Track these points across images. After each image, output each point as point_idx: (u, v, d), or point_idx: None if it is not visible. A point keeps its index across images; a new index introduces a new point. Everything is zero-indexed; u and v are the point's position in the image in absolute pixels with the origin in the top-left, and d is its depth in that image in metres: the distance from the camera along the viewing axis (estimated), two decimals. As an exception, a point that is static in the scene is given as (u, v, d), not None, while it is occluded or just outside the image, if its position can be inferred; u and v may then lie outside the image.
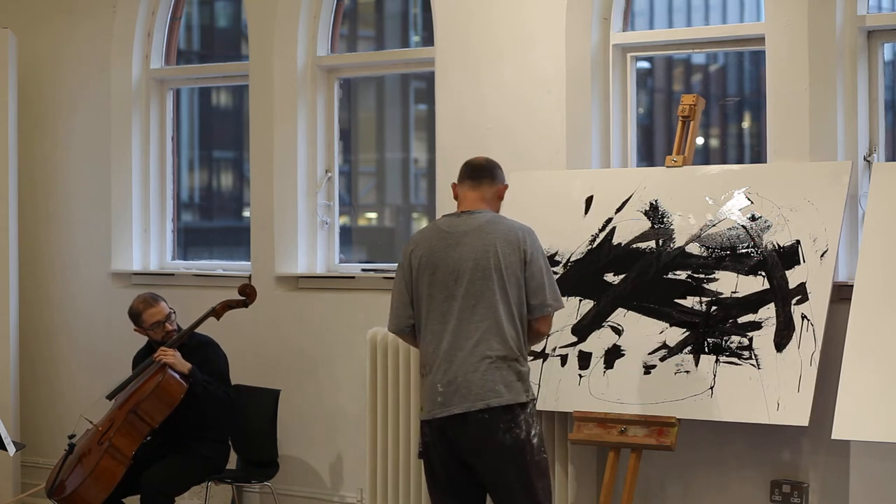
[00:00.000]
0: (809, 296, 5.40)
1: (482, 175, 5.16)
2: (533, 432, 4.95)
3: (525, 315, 4.98)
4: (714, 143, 7.54)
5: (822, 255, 5.43)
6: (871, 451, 5.55)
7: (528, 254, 4.97)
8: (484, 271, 4.93)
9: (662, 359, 5.63)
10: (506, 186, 5.21)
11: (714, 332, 5.56)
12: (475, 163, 5.22)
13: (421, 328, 5.05)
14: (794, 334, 5.39)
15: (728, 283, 5.59)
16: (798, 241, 5.51)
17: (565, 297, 5.94)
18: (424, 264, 5.02)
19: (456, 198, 5.21)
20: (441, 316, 4.97)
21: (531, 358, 5.91)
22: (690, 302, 5.64)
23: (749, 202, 5.66)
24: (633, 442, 5.58)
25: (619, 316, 5.79)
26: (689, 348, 5.58)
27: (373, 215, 8.33)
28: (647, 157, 6.81)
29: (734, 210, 5.68)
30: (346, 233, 7.56)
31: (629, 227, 5.89)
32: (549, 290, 5.00)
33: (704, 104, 5.97)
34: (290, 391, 6.92)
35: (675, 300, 5.68)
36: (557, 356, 5.86)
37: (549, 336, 5.34)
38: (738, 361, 5.48)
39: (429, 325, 5.00)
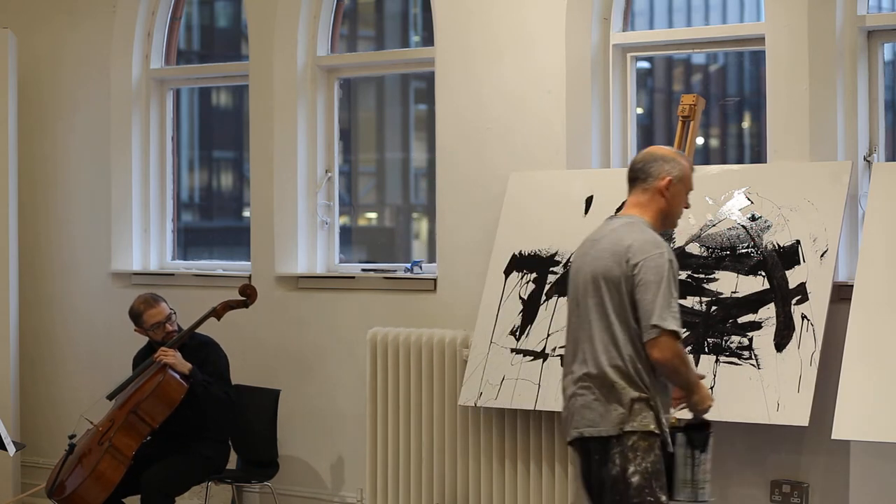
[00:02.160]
0: (809, 296, 5.40)
1: (633, 176, 4.63)
2: (631, 469, 4.34)
3: (637, 336, 4.37)
4: (714, 143, 7.54)
5: (822, 255, 5.43)
6: (871, 451, 5.55)
7: (634, 268, 4.37)
8: (588, 287, 4.48)
9: (662, 359, 5.62)
10: (668, 180, 4.55)
11: (714, 332, 5.55)
12: (632, 161, 4.68)
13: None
14: (794, 334, 5.39)
15: (728, 283, 5.59)
16: (798, 241, 5.51)
17: (565, 298, 5.94)
18: (570, 274, 4.63)
19: None
20: (566, 334, 4.61)
21: (531, 358, 5.92)
22: (690, 302, 5.64)
23: (749, 202, 5.66)
24: (633, 442, 5.56)
25: (619, 316, 5.78)
26: (688, 348, 5.58)
27: (373, 215, 8.33)
28: (647, 157, 6.79)
29: (734, 210, 5.68)
30: (346, 233, 7.56)
31: (629, 227, 5.88)
32: (657, 310, 4.31)
33: (704, 104, 5.97)
34: (290, 391, 6.92)
35: (675, 300, 5.67)
36: (557, 356, 5.86)
37: (672, 365, 4.36)
38: (738, 361, 5.48)
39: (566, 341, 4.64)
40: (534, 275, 6.07)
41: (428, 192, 7.52)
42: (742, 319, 5.51)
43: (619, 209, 4.84)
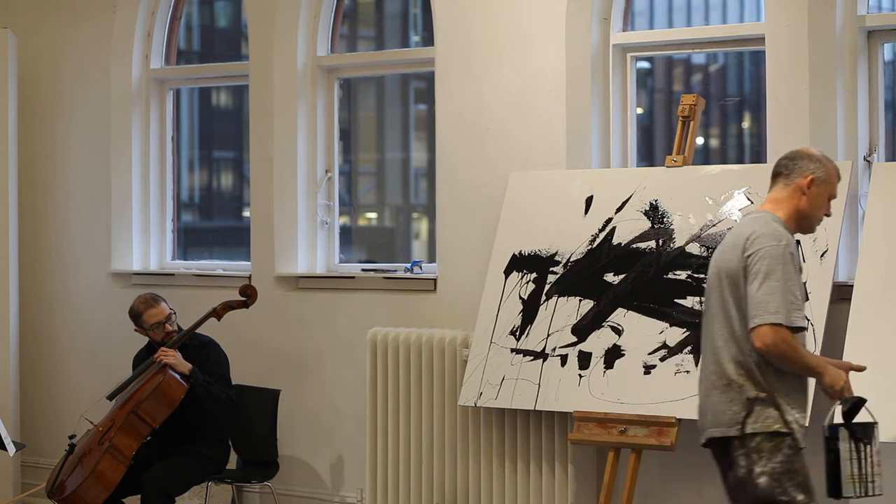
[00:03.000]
0: (809, 296, 5.39)
1: (777, 171, 4.49)
2: (758, 470, 4.22)
3: None
4: (714, 143, 7.55)
5: (822, 255, 5.43)
6: (871, 451, 5.54)
7: (748, 259, 4.26)
8: (713, 281, 4.39)
9: (662, 359, 5.63)
10: (811, 178, 4.42)
11: (714, 332, 5.55)
12: (779, 158, 4.56)
13: None
14: (794, 334, 5.38)
15: (728, 283, 5.58)
16: (798, 242, 5.50)
17: (565, 298, 5.96)
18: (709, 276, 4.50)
19: None
20: (701, 333, 4.52)
21: (531, 358, 5.92)
22: (690, 302, 5.64)
23: (749, 202, 5.66)
24: (633, 442, 5.58)
25: (619, 316, 5.79)
26: (689, 348, 5.58)
27: (373, 215, 8.34)
28: (647, 157, 6.81)
29: (734, 210, 5.68)
30: (346, 233, 7.56)
31: (629, 227, 5.89)
32: (760, 300, 4.20)
33: (704, 104, 5.97)
34: (290, 391, 6.92)
35: (675, 300, 5.68)
36: (557, 356, 5.86)
37: (779, 352, 4.22)
38: (739, 361, 5.47)
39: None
40: (534, 275, 6.07)
41: (428, 192, 7.53)
42: (742, 319, 5.51)
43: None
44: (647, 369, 5.65)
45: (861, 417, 4.36)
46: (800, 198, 4.41)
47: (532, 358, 5.93)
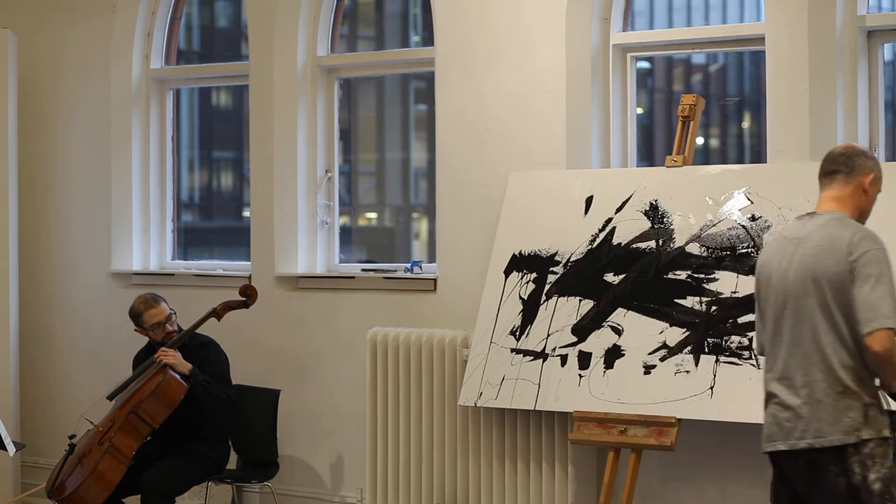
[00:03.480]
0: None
1: (834, 169, 4.33)
2: (872, 476, 4.11)
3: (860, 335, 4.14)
4: (714, 143, 7.55)
5: (822, 255, 5.43)
6: (872, 451, 5.54)
7: (855, 263, 4.13)
8: (805, 286, 4.19)
9: (662, 359, 5.63)
10: (872, 176, 4.31)
11: (714, 332, 5.55)
12: (830, 154, 4.40)
13: (766, 351, 4.38)
14: (795, 334, 5.38)
15: (728, 283, 5.59)
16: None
17: (565, 298, 5.95)
18: (765, 277, 4.34)
19: None
20: (774, 338, 4.30)
21: (531, 358, 5.92)
22: (690, 302, 5.64)
23: (749, 202, 5.66)
24: (633, 442, 5.58)
25: (619, 316, 5.79)
26: (689, 348, 5.58)
27: (373, 215, 8.34)
28: (647, 157, 6.81)
29: (734, 210, 5.68)
30: (346, 233, 7.56)
31: (629, 227, 5.89)
32: (877, 304, 4.08)
33: (704, 104, 5.97)
34: (290, 391, 6.92)
35: (675, 300, 5.68)
36: (557, 356, 5.86)
37: (888, 358, 4.10)
38: (738, 361, 5.48)
39: (767, 347, 4.35)
40: (534, 275, 6.07)
41: (428, 192, 7.53)
42: (742, 319, 5.51)
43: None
44: (647, 369, 5.65)
45: None
46: (861, 196, 4.32)
47: (532, 358, 5.93)
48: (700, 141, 7.09)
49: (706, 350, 5.55)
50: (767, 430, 4.28)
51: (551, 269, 6.03)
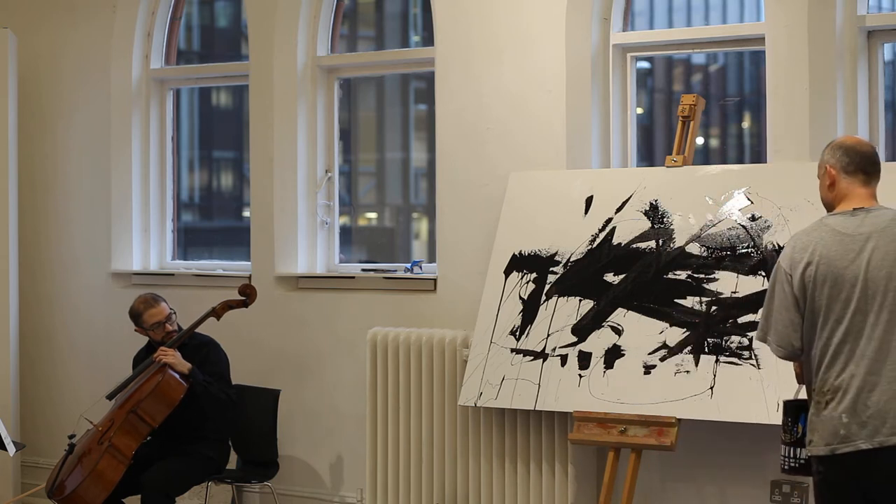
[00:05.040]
0: (809, 296, 5.39)
1: (876, 170, 4.30)
2: None
3: None
4: (714, 143, 7.55)
5: (822, 255, 5.43)
6: (872, 451, 5.54)
7: None
8: (893, 280, 4.12)
9: (662, 359, 5.63)
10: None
11: (714, 332, 5.55)
12: (866, 152, 4.32)
13: (816, 350, 4.22)
14: (794, 334, 5.38)
15: (728, 283, 5.59)
16: (798, 241, 5.50)
17: (565, 298, 5.95)
18: (822, 275, 4.17)
19: (831, 186, 4.32)
20: (849, 336, 4.15)
21: (531, 358, 5.92)
22: (690, 302, 5.64)
23: (749, 202, 5.66)
24: (633, 442, 5.58)
25: (619, 316, 5.79)
26: (689, 348, 5.58)
27: (373, 215, 8.34)
28: (647, 157, 6.81)
29: (734, 210, 5.68)
30: (346, 233, 7.56)
31: (629, 227, 5.89)
32: None
33: (704, 104, 5.97)
34: (290, 391, 6.92)
35: (675, 300, 5.68)
36: (557, 356, 5.86)
37: None
38: (738, 361, 5.48)
39: (831, 347, 4.17)
40: (534, 275, 6.07)
41: (428, 192, 7.53)
42: (742, 319, 5.51)
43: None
44: (647, 369, 5.65)
45: None
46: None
47: (532, 358, 5.93)
48: (700, 141, 7.09)
49: (706, 350, 5.55)
50: (843, 431, 4.14)
51: (551, 269, 6.03)
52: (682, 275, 5.70)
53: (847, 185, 4.26)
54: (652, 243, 5.82)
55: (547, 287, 6.01)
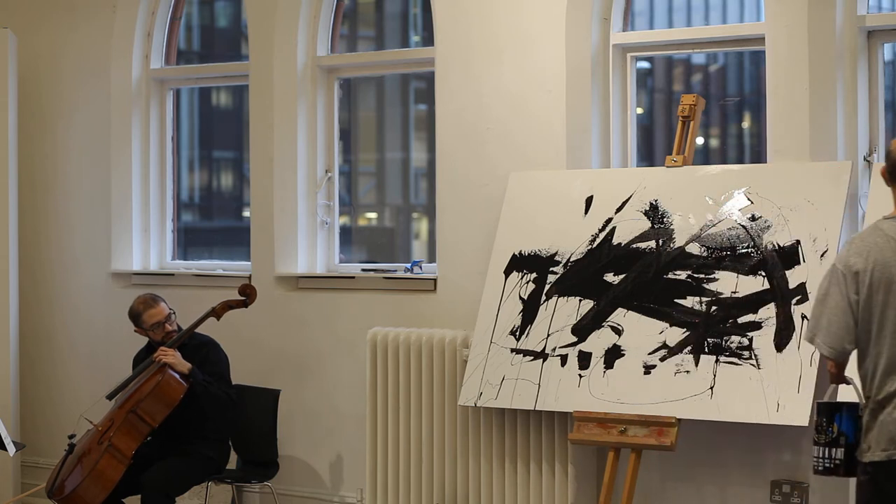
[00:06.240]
0: (809, 296, 5.39)
1: None
2: None
3: None
4: (714, 143, 7.55)
5: (822, 255, 5.43)
6: (871, 451, 5.54)
7: None
8: None
9: (662, 359, 5.63)
10: None
11: (714, 332, 5.55)
12: None
13: (870, 355, 4.18)
14: (794, 334, 5.39)
15: (728, 283, 5.59)
16: (798, 241, 5.51)
17: (565, 298, 5.96)
18: (877, 280, 4.14)
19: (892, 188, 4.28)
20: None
21: (531, 358, 5.93)
22: (690, 302, 5.64)
23: (749, 202, 5.66)
24: (633, 442, 5.58)
25: (619, 316, 5.79)
26: (689, 348, 5.58)
27: (373, 215, 8.34)
28: (647, 157, 6.82)
29: (734, 210, 5.68)
30: (346, 233, 7.56)
31: (629, 227, 5.89)
32: None
33: (704, 104, 5.97)
34: (290, 391, 6.92)
35: (675, 300, 5.68)
36: (557, 356, 5.86)
37: None
38: (738, 361, 5.48)
39: (886, 352, 4.13)
40: (534, 275, 6.07)
41: (428, 192, 7.53)
42: (742, 319, 5.51)
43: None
44: (647, 369, 5.65)
45: None
46: None
47: (532, 358, 5.93)
48: (700, 141, 7.09)
49: (706, 350, 5.55)
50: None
51: (551, 269, 6.03)
52: (682, 275, 5.70)
53: None
54: (652, 243, 5.82)
55: (547, 287, 6.01)
